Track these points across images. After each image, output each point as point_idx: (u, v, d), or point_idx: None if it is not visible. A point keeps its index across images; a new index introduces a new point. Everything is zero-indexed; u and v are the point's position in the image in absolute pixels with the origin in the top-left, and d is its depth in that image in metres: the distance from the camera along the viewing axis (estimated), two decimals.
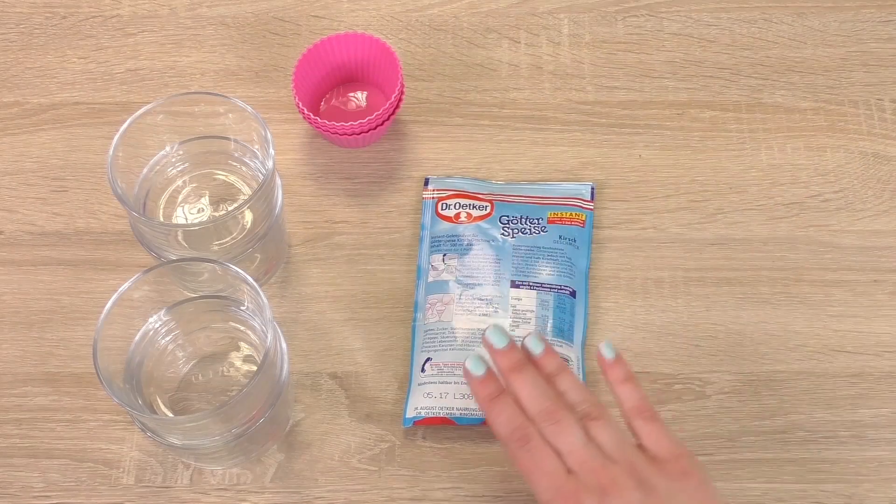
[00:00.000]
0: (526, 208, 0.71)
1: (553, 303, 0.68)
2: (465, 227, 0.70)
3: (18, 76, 0.78)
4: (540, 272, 0.69)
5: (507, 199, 0.72)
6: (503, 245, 0.70)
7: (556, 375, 0.59)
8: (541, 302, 0.68)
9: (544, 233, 0.70)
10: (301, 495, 0.64)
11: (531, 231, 0.70)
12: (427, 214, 0.72)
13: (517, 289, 0.68)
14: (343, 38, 0.73)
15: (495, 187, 0.73)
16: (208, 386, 0.64)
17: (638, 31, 0.80)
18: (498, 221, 0.70)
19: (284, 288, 0.71)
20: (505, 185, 0.73)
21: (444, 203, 0.71)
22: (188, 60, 0.79)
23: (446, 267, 0.69)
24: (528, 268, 0.69)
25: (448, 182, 0.73)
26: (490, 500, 0.64)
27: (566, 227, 0.71)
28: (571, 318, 0.68)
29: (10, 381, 0.68)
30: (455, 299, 0.68)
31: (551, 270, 0.69)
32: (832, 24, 0.80)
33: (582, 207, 0.72)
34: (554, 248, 0.70)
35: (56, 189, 0.74)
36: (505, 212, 0.71)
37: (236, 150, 0.67)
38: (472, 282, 0.69)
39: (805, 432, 0.66)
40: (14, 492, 0.65)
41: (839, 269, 0.71)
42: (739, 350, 0.69)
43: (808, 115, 0.77)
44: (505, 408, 0.58)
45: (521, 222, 0.70)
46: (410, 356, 0.68)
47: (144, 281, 0.58)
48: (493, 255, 0.69)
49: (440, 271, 0.69)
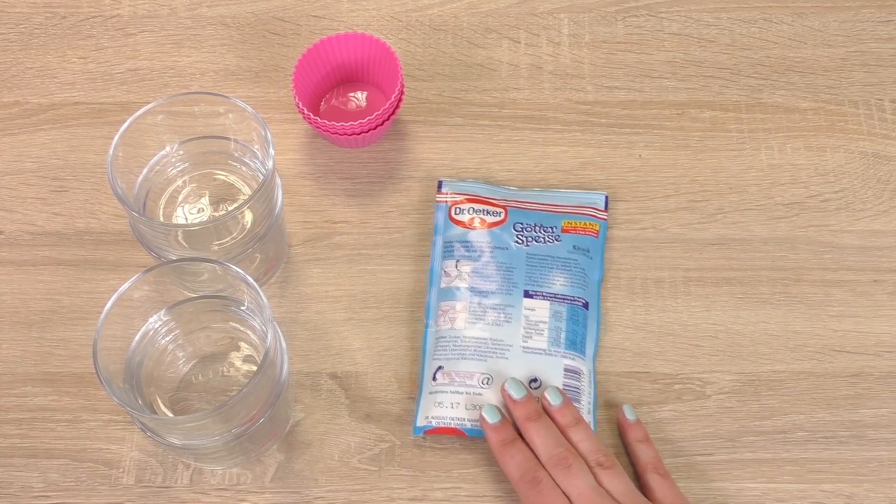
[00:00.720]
0: (540, 216, 0.71)
1: (566, 314, 0.67)
2: (478, 233, 0.70)
3: (18, 76, 0.78)
4: (554, 282, 0.68)
5: (521, 206, 0.71)
6: (517, 253, 0.69)
7: (571, 427, 0.62)
8: (554, 313, 0.67)
9: (558, 242, 0.70)
10: (301, 495, 0.65)
11: (545, 240, 0.70)
12: (440, 218, 0.71)
13: (531, 299, 0.68)
14: (343, 38, 0.73)
15: (509, 193, 0.72)
16: (208, 386, 0.64)
17: (638, 31, 0.80)
18: (512, 228, 0.70)
19: (284, 288, 0.71)
20: (518, 191, 0.72)
21: (457, 207, 0.71)
22: (188, 60, 0.79)
23: (459, 274, 0.68)
24: (542, 278, 0.68)
25: (462, 186, 0.72)
26: (490, 500, 0.64)
27: (580, 237, 0.70)
28: (584, 331, 0.68)
29: (9, 381, 0.68)
30: (468, 307, 0.67)
31: (565, 281, 0.68)
32: (832, 24, 0.80)
33: (596, 217, 0.71)
34: (568, 259, 0.69)
35: (56, 189, 0.74)
36: (519, 219, 0.70)
37: (236, 150, 0.67)
38: (485, 290, 0.68)
39: (805, 432, 0.66)
40: (14, 492, 0.65)
41: (839, 269, 0.71)
42: (739, 350, 0.69)
43: (808, 115, 0.77)
44: (517, 452, 0.61)
45: (534, 230, 0.70)
46: (421, 362, 0.67)
47: (144, 281, 0.58)
48: (507, 264, 0.69)
49: (453, 278, 0.68)
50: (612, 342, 0.69)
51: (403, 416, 0.67)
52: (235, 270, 0.57)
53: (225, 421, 0.57)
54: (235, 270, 0.57)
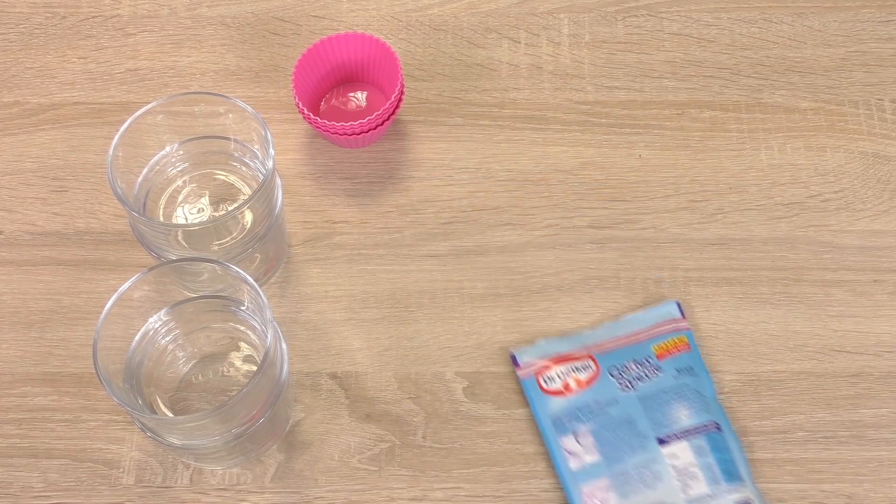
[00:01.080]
0: (628, 351, 0.66)
1: (708, 446, 0.63)
2: (579, 396, 0.65)
3: (18, 76, 0.78)
4: (679, 417, 0.64)
5: (604, 349, 0.66)
6: (628, 401, 0.64)
7: None
8: (697, 449, 0.63)
9: (661, 373, 0.65)
10: (301, 495, 0.65)
11: (647, 375, 0.65)
12: (533, 395, 0.65)
13: (667, 445, 0.63)
14: (343, 38, 0.73)
15: (585, 337, 0.67)
16: (208, 386, 0.64)
17: (638, 31, 0.80)
18: (609, 376, 0.65)
19: (284, 288, 0.71)
20: (592, 332, 0.68)
21: (544, 377, 0.66)
22: (188, 60, 0.79)
23: (583, 448, 0.63)
24: (665, 417, 0.64)
25: (535, 350, 0.67)
26: (490, 500, 0.64)
27: (677, 358, 0.66)
28: (730, 455, 0.63)
29: (9, 381, 0.68)
30: (611, 483, 0.62)
31: (688, 411, 0.64)
32: (832, 24, 0.80)
33: (679, 329, 0.67)
34: (678, 386, 0.65)
35: (56, 189, 0.74)
36: (610, 363, 0.66)
37: (236, 150, 0.67)
38: (618, 454, 0.63)
39: (805, 432, 0.66)
40: (14, 492, 0.65)
41: (839, 269, 0.71)
42: (739, 350, 0.69)
43: (808, 115, 0.77)
44: None
45: (632, 369, 0.65)
46: None
47: (144, 281, 0.58)
48: (625, 417, 0.64)
49: (580, 455, 0.63)
50: None
51: (403, 416, 0.67)
52: (235, 270, 0.57)
53: (225, 421, 0.57)
54: (235, 270, 0.57)
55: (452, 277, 0.71)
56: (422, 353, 0.68)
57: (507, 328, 0.69)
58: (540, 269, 0.71)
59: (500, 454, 0.66)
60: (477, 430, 0.66)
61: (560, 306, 0.70)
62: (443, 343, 0.69)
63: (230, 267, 0.57)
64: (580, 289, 0.71)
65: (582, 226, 0.73)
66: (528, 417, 0.66)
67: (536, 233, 0.72)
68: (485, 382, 0.68)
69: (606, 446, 0.64)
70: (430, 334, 0.69)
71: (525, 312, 0.70)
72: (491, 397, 0.67)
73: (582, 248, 0.72)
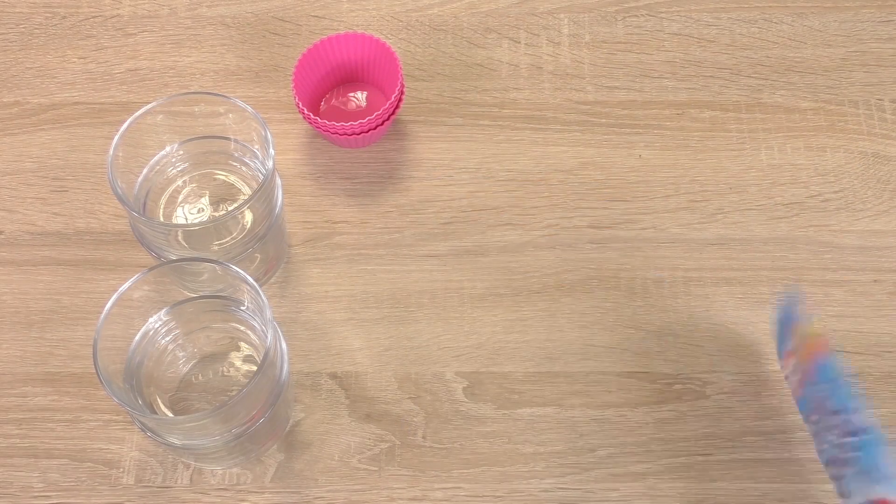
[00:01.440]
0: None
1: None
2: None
3: (18, 76, 0.78)
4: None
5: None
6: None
7: None
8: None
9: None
10: (301, 495, 0.65)
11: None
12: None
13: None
14: (343, 38, 0.73)
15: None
16: (208, 386, 0.64)
17: (638, 31, 0.80)
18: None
19: (284, 288, 0.71)
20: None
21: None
22: (188, 60, 0.79)
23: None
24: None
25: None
26: (490, 500, 0.64)
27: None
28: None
29: (10, 381, 0.68)
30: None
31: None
32: (832, 24, 0.80)
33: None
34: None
35: (56, 189, 0.74)
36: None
37: (236, 150, 0.67)
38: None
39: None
40: (14, 492, 0.65)
41: (839, 269, 0.71)
42: (739, 350, 0.69)
43: (808, 115, 0.77)
44: None
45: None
46: None
47: (144, 281, 0.58)
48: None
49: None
50: (613, 342, 0.69)
51: (403, 416, 0.67)
52: (235, 270, 0.57)
53: (225, 421, 0.57)
54: (235, 270, 0.57)
55: (452, 277, 0.71)
56: (422, 353, 0.68)
57: (507, 328, 0.69)
58: (540, 269, 0.71)
59: (500, 454, 0.66)
60: (477, 430, 0.66)
61: (560, 306, 0.70)
62: (443, 343, 0.69)
63: (230, 267, 0.57)
64: (580, 289, 0.71)
65: (582, 226, 0.73)
66: (528, 417, 0.66)
67: (536, 233, 0.72)
68: (485, 382, 0.68)
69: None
70: (430, 334, 0.69)
71: (525, 312, 0.70)
72: (491, 397, 0.67)
73: (582, 248, 0.72)
